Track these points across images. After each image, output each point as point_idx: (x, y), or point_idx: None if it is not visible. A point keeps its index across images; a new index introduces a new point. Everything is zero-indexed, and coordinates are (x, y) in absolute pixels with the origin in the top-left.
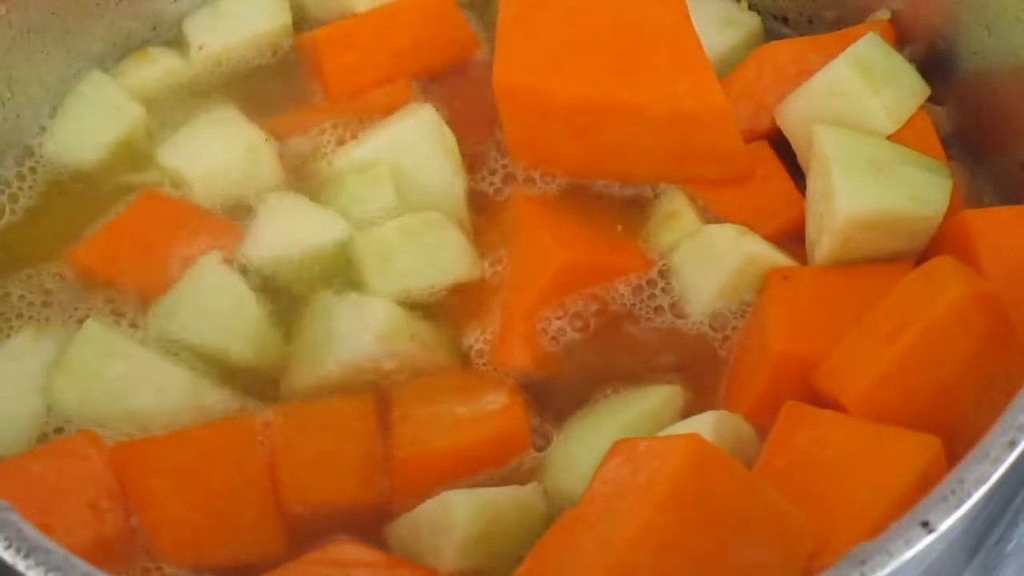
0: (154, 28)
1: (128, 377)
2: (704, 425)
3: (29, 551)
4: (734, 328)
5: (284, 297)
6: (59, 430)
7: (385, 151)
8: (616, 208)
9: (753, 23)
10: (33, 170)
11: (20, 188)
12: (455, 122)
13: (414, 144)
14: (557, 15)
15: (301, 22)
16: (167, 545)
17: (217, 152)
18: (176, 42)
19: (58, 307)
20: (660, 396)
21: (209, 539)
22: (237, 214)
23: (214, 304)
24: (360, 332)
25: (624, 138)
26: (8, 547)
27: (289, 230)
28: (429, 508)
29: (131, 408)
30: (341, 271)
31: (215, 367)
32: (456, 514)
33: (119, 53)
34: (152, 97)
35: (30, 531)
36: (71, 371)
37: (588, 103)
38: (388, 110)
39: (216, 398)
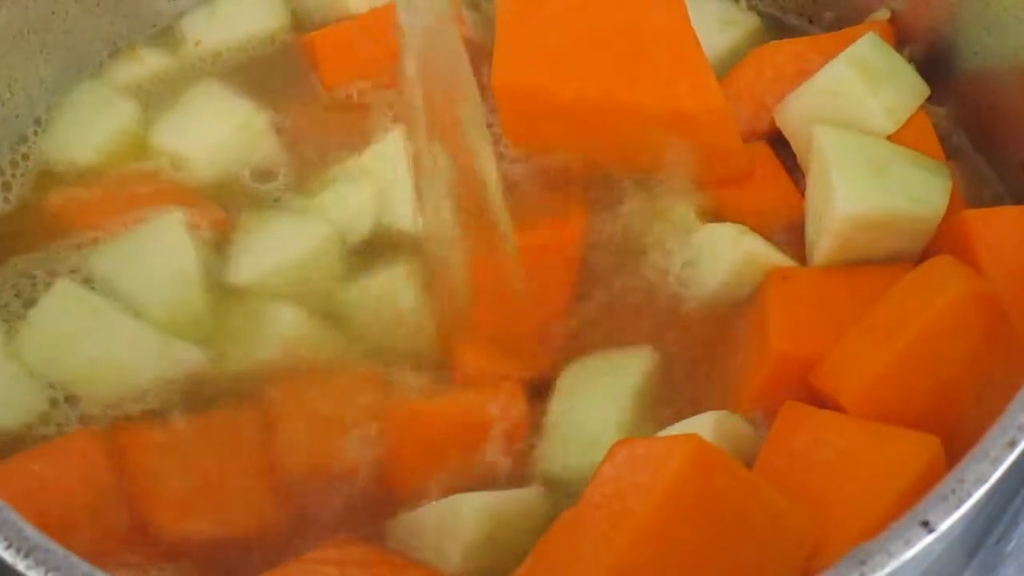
0: (153, 26)
1: (98, 334)
2: (704, 425)
3: (29, 551)
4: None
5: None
6: (52, 400)
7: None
8: (613, 204)
9: (753, 23)
10: (26, 157)
11: (13, 176)
12: None
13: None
14: (556, 14)
15: (297, 24)
16: (164, 520)
17: (211, 126)
18: (174, 42)
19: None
20: (638, 363)
21: (205, 514)
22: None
23: (156, 265)
24: None
25: (623, 138)
26: (8, 547)
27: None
28: (436, 509)
29: (103, 367)
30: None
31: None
32: (464, 517)
33: (118, 53)
34: (149, 95)
35: (30, 531)
36: (41, 329)
37: (588, 103)
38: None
39: (185, 354)
